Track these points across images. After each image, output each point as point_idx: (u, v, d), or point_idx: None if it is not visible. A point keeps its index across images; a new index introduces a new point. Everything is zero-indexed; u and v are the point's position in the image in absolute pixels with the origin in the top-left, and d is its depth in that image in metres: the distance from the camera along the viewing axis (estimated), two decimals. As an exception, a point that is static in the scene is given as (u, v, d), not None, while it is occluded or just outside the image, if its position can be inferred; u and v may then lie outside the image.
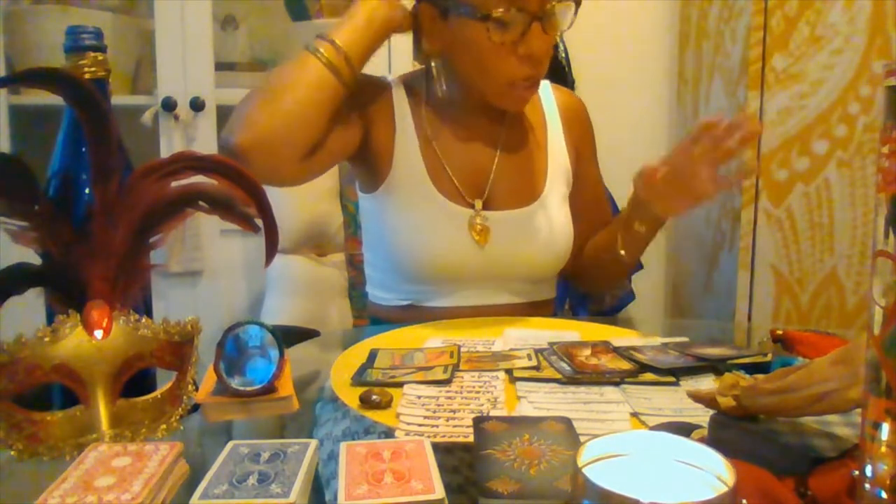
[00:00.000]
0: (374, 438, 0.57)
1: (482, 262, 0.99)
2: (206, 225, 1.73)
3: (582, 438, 0.49)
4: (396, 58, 1.73)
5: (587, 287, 1.25)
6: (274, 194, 0.65)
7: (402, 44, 1.70)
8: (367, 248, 1.10)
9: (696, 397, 0.50)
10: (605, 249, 1.07)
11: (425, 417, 0.58)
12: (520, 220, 1.01)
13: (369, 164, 1.02)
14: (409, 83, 1.06)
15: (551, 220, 1.03)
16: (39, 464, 0.52)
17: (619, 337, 0.83)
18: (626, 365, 0.70)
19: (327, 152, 0.93)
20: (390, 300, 1.05)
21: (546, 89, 1.12)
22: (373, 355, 0.74)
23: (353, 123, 0.98)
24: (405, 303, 1.03)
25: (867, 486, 0.35)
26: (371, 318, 1.11)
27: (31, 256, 0.59)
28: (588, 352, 0.74)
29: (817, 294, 1.59)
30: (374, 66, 1.82)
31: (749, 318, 1.60)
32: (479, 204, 1.01)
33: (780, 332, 0.76)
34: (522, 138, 1.06)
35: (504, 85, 0.95)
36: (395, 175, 1.00)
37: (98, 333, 0.55)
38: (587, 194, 1.13)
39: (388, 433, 0.56)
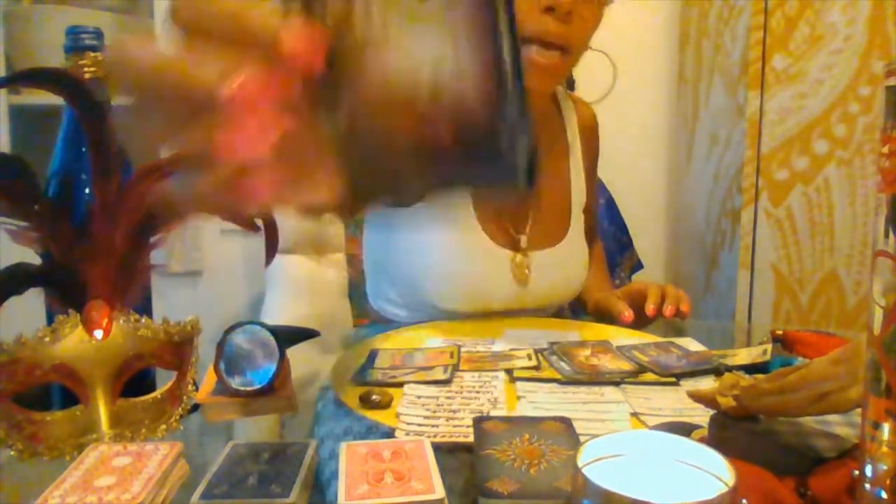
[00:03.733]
0: (374, 438, 0.57)
1: (518, 300, 0.96)
2: (206, 225, 1.72)
3: (582, 438, 0.49)
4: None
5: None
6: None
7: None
8: (382, 263, 1.03)
9: (696, 397, 0.50)
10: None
11: (425, 417, 0.58)
12: (554, 259, 0.98)
13: None
14: None
15: (579, 254, 1.01)
16: (39, 464, 0.52)
17: (619, 337, 0.83)
18: (626, 365, 0.70)
19: None
20: (408, 318, 0.99)
21: (566, 102, 1.06)
22: (373, 355, 0.74)
23: None
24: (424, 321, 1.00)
25: (867, 486, 0.35)
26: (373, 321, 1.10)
27: (31, 256, 0.59)
28: (588, 352, 0.74)
29: (817, 294, 1.59)
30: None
31: (749, 318, 1.60)
32: (524, 241, 0.96)
33: (780, 332, 0.76)
34: (551, 167, 1.02)
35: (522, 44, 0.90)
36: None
37: (98, 333, 0.55)
38: (588, 209, 1.09)
39: (388, 433, 0.56)
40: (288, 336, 0.70)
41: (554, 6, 0.82)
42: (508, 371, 0.69)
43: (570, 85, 1.77)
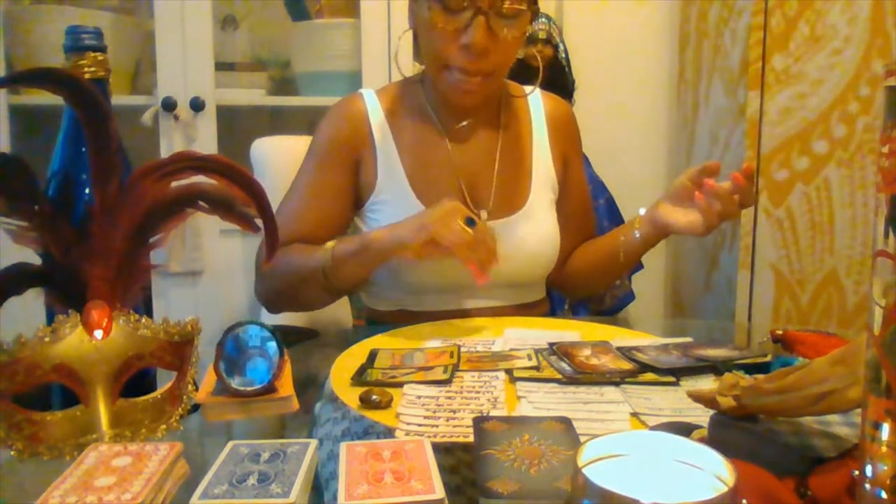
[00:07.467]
0: (374, 438, 0.57)
1: (468, 269, 0.99)
2: (206, 225, 1.72)
3: (582, 438, 0.49)
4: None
5: (577, 293, 1.24)
6: (273, 195, 0.65)
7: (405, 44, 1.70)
8: None
9: (696, 397, 0.50)
10: (603, 253, 1.09)
11: (425, 417, 0.58)
12: (505, 229, 1.02)
13: (357, 186, 1.04)
14: (392, 94, 1.07)
15: (537, 228, 1.04)
16: (39, 464, 0.52)
17: (619, 337, 0.83)
18: (626, 365, 0.70)
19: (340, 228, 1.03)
20: (381, 305, 1.06)
21: (536, 97, 1.11)
22: (373, 355, 0.74)
23: (345, 191, 1.03)
24: (395, 308, 1.03)
25: (867, 486, 0.35)
26: (366, 319, 1.12)
27: (31, 256, 0.59)
28: (588, 352, 0.74)
29: (817, 294, 1.59)
30: (375, 69, 1.81)
31: (749, 318, 1.60)
32: (484, 215, 1.01)
33: (780, 332, 0.76)
34: (507, 146, 1.06)
35: (441, 68, 0.95)
36: (380, 188, 1.01)
37: (98, 333, 0.55)
38: (574, 201, 1.13)
39: (388, 433, 0.56)
40: (288, 336, 0.70)
41: (469, 46, 0.90)
42: (508, 371, 0.69)
43: (571, 85, 1.77)
